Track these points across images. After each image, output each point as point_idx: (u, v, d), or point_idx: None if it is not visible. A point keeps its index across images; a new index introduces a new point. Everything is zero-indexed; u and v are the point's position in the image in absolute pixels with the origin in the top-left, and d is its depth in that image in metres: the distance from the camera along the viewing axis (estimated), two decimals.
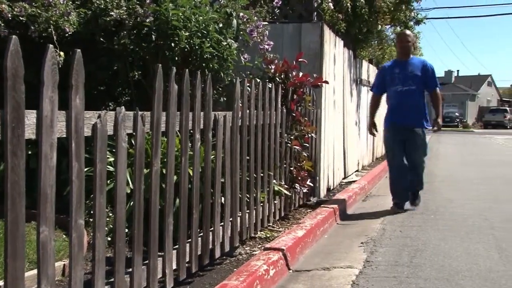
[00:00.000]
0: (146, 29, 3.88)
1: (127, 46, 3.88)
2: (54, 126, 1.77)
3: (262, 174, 3.88)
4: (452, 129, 37.97)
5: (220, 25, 4.14)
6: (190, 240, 2.81)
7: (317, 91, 5.45)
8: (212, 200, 3.07)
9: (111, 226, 2.46)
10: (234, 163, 3.35)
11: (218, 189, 3.13)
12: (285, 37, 5.55)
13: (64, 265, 2.69)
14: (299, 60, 4.83)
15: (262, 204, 3.88)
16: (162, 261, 2.52)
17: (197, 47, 3.89)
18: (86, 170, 1.97)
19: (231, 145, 3.31)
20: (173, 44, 3.81)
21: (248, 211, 3.60)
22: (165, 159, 2.59)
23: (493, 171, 8.91)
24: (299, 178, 4.59)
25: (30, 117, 1.69)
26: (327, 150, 6.06)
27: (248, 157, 3.61)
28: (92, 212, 2.04)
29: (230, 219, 3.31)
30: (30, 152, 2.95)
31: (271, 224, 4.12)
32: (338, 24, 6.78)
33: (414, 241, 3.95)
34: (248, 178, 3.61)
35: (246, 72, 4.53)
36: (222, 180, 3.21)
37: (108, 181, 2.43)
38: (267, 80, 4.44)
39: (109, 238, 2.71)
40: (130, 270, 2.27)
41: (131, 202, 2.41)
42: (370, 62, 10.12)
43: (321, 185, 5.71)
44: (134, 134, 2.27)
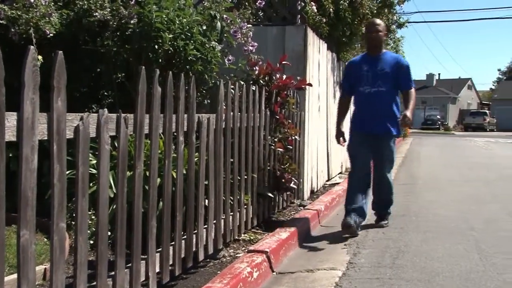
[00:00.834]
0: (130, 30, 3.86)
1: (111, 48, 3.85)
2: (35, 128, 1.75)
3: (246, 176, 3.88)
4: (433, 131, 38.50)
5: (204, 27, 4.14)
6: (173, 243, 2.79)
7: (300, 94, 5.47)
8: (196, 202, 3.06)
9: (94, 229, 2.44)
10: (218, 166, 3.35)
11: (202, 191, 3.12)
12: (269, 39, 5.57)
13: (45, 269, 2.65)
14: (283, 62, 4.85)
15: (246, 206, 3.88)
16: (145, 264, 2.50)
17: (181, 49, 3.88)
18: (68, 172, 1.95)
19: (215, 147, 3.31)
20: (156, 46, 3.80)
21: (232, 214, 3.60)
22: (148, 162, 2.57)
23: (473, 173, 9.05)
24: (283, 180, 4.60)
25: (11, 119, 1.66)
26: (311, 152, 6.09)
27: (232, 159, 3.61)
28: (74, 215, 2.02)
29: (214, 222, 3.30)
30: (10, 154, 2.90)
31: (255, 226, 4.12)
32: (322, 27, 6.83)
33: (396, 242, 3.99)
34: (232, 181, 3.61)
35: (230, 74, 4.53)
36: (206, 182, 3.20)
37: (90, 183, 2.41)
38: (251, 82, 4.44)
39: (91, 241, 2.68)
40: (113, 273, 2.25)
41: (114, 205, 2.39)
42: None
43: (305, 187, 5.73)
44: (117, 136, 2.26)
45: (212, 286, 2.61)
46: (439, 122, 44.00)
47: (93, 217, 2.63)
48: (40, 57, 3.24)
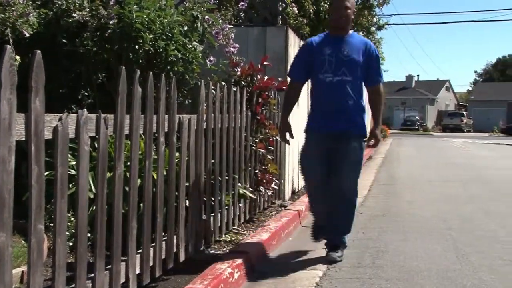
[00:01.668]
0: (110, 31, 3.83)
1: (90, 48, 3.81)
2: (13, 129, 1.72)
3: (227, 177, 3.88)
4: (413, 132, 39.04)
5: (185, 27, 4.13)
6: (154, 244, 2.78)
7: (282, 95, 5.49)
8: (176, 203, 3.05)
9: (73, 230, 2.41)
10: (199, 166, 3.34)
11: (182, 192, 3.11)
12: (250, 40, 5.58)
13: (22, 272, 2.61)
14: (264, 63, 4.86)
15: (227, 207, 3.88)
16: (125, 265, 2.48)
17: (161, 50, 3.86)
18: (47, 174, 1.93)
19: (196, 148, 3.30)
20: (137, 46, 3.77)
21: (213, 215, 3.60)
22: (128, 163, 2.56)
23: (451, 174, 9.20)
24: (264, 181, 4.61)
25: None
26: (292, 153, 6.12)
27: (213, 160, 3.61)
28: (53, 216, 2.00)
29: (195, 223, 3.29)
30: None
31: (236, 227, 4.13)
32: (303, 28, 6.88)
33: (376, 242, 4.04)
34: (213, 181, 3.61)
35: (212, 75, 4.53)
36: (187, 183, 3.19)
37: (70, 185, 2.38)
38: (233, 83, 4.45)
39: (70, 243, 2.65)
40: (92, 275, 2.23)
41: (94, 206, 2.37)
42: None
43: (286, 187, 5.76)
44: (97, 137, 2.24)
45: (193, 287, 2.61)
46: (418, 123, 44.67)
47: (72, 218, 2.60)
48: (18, 57, 3.19)
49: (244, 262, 3.18)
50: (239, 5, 5.25)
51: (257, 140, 4.57)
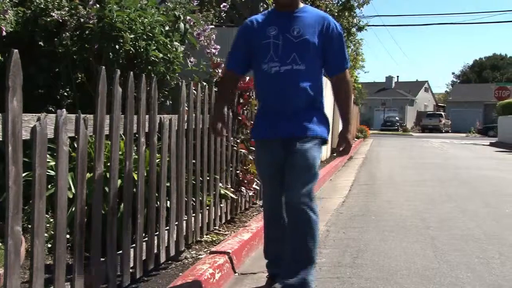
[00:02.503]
0: (89, 30, 3.79)
1: (70, 48, 3.76)
2: None
3: (208, 178, 3.88)
4: (392, 132, 39.51)
5: (166, 28, 4.11)
6: (134, 245, 2.76)
7: None
8: (157, 204, 3.04)
9: (52, 232, 2.39)
10: (180, 167, 3.33)
11: (163, 193, 3.10)
12: (231, 40, 5.54)
13: None
14: None
15: (208, 207, 3.88)
16: (105, 267, 2.46)
17: (142, 50, 3.84)
18: (25, 174, 1.90)
19: (177, 148, 3.29)
20: (117, 46, 3.74)
21: (194, 215, 3.59)
22: (109, 163, 2.54)
23: (430, 173, 9.34)
24: (245, 181, 4.62)
25: None
26: None
27: (194, 160, 3.60)
28: (31, 218, 1.97)
29: (176, 223, 3.28)
30: None
31: (218, 227, 4.12)
32: None
33: (356, 242, 4.08)
34: (194, 182, 3.60)
35: (193, 75, 4.52)
36: (168, 184, 3.18)
37: (49, 186, 2.35)
38: (214, 84, 4.45)
39: (49, 245, 2.62)
40: (71, 277, 2.21)
41: (73, 207, 2.35)
42: None
43: None
44: (76, 137, 2.22)
45: None
46: (398, 124, 45.24)
47: (51, 220, 2.57)
48: None
49: (225, 262, 3.18)
50: (221, 6, 5.25)
51: (238, 140, 4.58)
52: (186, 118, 3.42)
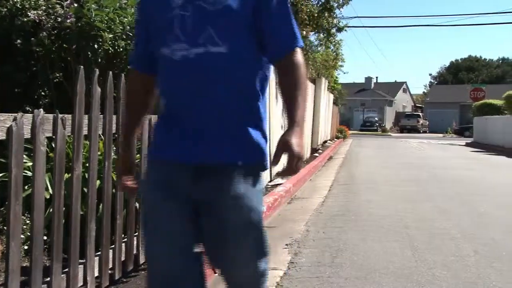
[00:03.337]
0: (67, 30, 3.74)
1: (47, 47, 3.71)
2: None
3: None
4: (372, 133, 39.95)
5: None
6: (113, 246, 2.74)
7: None
8: (136, 205, 3.02)
9: (28, 233, 2.35)
10: None
11: None
12: None
13: None
14: None
15: None
16: (84, 268, 2.44)
17: (121, 50, 3.81)
18: (1, 175, 1.87)
19: None
20: (96, 46, 3.70)
21: None
22: (87, 164, 2.51)
23: (408, 173, 9.47)
24: None
25: None
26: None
27: None
28: (6, 219, 1.94)
29: None
30: None
31: None
32: None
33: (336, 242, 4.11)
34: None
35: None
36: None
37: (25, 186, 2.32)
38: None
39: (25, 247, 2.58)
40: (48, 279, 2.18)
41: (51, 209, 2.32)
42: None
43: None
44: (54, 137, 2.19)
45: None
46: (377, 124, 45.74)
47: (27, 221, 2.53)
48: None
49: (206, 261, 3.17)
50: None
51: None
52: None
